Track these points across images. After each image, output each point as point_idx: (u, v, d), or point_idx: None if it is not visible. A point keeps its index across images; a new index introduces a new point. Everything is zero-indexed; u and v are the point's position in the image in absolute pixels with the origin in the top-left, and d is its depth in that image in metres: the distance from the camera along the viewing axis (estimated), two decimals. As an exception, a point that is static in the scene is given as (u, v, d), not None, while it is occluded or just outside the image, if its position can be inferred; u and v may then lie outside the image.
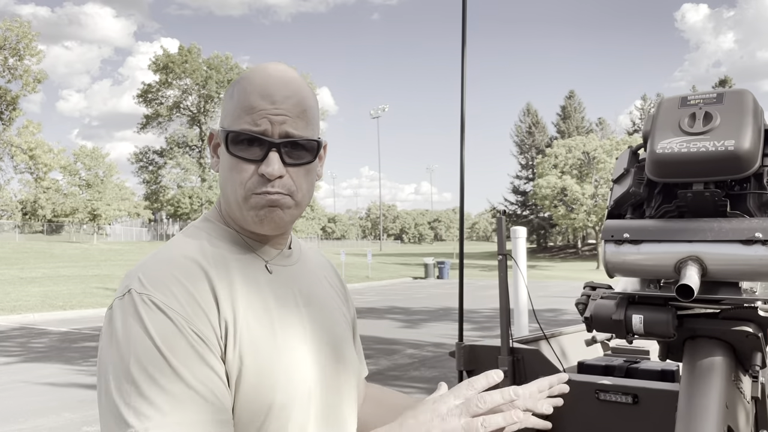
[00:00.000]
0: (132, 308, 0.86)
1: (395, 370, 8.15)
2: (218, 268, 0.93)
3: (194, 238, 0.98)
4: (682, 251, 1.71)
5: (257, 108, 0.93)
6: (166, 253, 0.94)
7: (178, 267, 0.91)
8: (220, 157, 1.00)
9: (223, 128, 0.97)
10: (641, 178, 1.88)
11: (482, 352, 2.54)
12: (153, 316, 0.85)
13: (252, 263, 0.98)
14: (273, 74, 0.97)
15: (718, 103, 1.76)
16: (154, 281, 0.88)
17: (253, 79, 0.96)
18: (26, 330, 12.86)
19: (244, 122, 0.94)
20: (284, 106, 0.94)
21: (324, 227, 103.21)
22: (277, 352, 0.92)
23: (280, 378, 0.91)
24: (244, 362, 0.89)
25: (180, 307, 0.86)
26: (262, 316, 0.93)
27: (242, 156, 0.94)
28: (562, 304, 15.70)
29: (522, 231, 4.97)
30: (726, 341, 1.80)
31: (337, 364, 1.02)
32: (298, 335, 0.96)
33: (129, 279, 0.91)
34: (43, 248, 31.49)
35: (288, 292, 1.00)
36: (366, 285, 25.90)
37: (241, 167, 0.94)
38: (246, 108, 0.94)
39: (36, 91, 42.84)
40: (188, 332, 0.85)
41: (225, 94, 1.02)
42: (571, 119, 64.02)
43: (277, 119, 0.94)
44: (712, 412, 1.65)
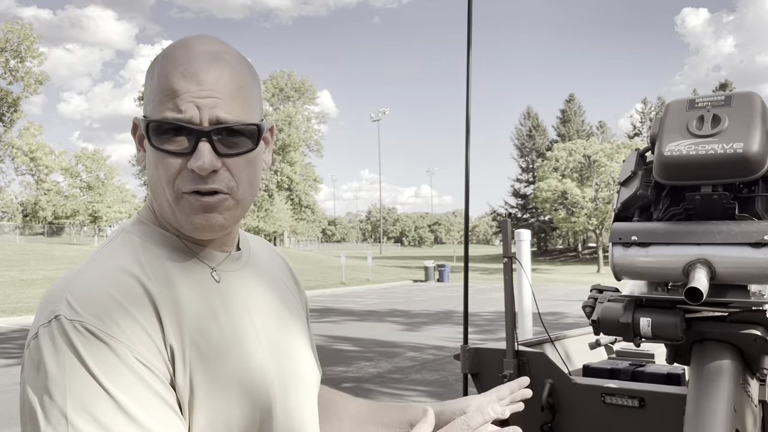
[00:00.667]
0: (64, 338, 0.72)
1: (396, 373, 8.13)
2: (159, 283, 0.81)
3: (127, 246, 0.84)
4: (691, 254, 1.71)
5: (181, 91, 0.79)
6: (98, 267, 0.80)
7: (114, 284, 0.78)
8: (146, 150, 0.85)
9: (144, 117, 0.83)
10: (649, 180, 1.88)
11: (487, 355, 2.53)
12: (90, 347, 0.72)
13: (196, 272, 0.86)
14: (198, 49, 0.82)
15: (726, 106, 1.75)
16: (87, 304, 0.75)
17: (174, 57, 0.81)
18: (26, 332, 12.84)
19: (167, 109, 0.79)
20: (213, 87, 0.80)
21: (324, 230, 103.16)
22: (231, 371, 0.82)
23: (237, 399, 0.81)
24: (196, 386, 0.79)
25: (121, 333, 0.74)
26: (213, 333, 0.82)
27: (167, 149, 0.80)
28: (563, 307, 15.69)
29: (526, 234, 4.97)
30: (734, 344, 1.79)
31: (298, 376, 0.93)
32: (252, 349, 0.86)
33: (53, 301, 0.76)
34: (44, 250, 31.51)
35: (239, 301, 0.88)
36: (366, 288, 25.88)
37: (167, 162, 0.81)
38: (167, 92, 0.79)
39: (37, 93, 42.93)
40: (133, 362, 0.73)
41: (146, 74, 0.86)
42: (571, 123, 64.08)
43: (205, 102, 0.79)
44: (720, 415, 1.64)
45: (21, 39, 39.22)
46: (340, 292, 24.10)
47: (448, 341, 10.71)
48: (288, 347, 0.93)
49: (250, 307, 0.89)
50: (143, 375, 0.74)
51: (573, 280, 30.36)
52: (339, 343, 10.79)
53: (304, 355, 0.97)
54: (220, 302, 0.86)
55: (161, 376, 0.76)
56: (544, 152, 57.48)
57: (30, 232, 45.89)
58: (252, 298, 0.91)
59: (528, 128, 67.46)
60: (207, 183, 0.80)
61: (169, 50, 0.83)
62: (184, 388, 0.78)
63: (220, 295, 0.86)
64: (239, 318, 0.86)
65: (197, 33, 0.87)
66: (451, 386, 7.33)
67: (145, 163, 0.86)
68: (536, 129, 67.09)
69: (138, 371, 0.74)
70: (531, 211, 61.89)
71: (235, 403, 0.81)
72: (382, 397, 6.81)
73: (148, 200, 0.91)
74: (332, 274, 29.67)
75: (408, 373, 8.19)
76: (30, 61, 40.38)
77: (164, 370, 0.76)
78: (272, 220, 49.21)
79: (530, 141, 66.53)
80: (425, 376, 7.94)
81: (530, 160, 65.32)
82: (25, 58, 40.08)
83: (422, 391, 7.11)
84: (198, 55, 0.81)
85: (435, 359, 9.13)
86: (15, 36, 39.15)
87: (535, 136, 66.45)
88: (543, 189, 45.29)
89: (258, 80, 0.89)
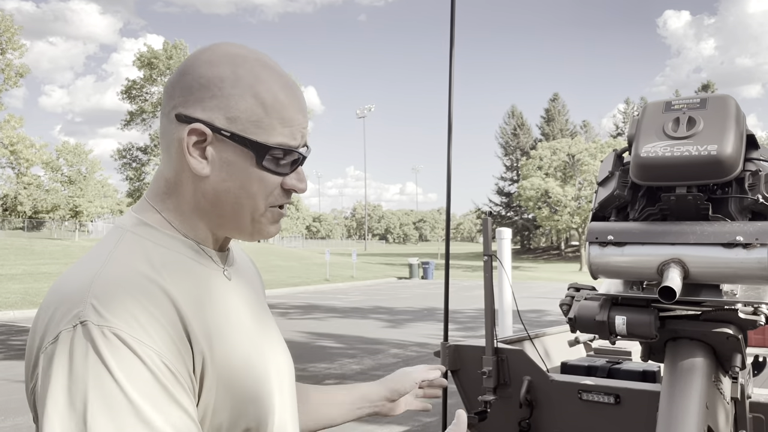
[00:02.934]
0: (90, 344, 0.72)
1: (379, 370, 8.15)
2: (177, 286, 0.82)
3: (140, 249, 0.84)
4: (665, 254, 1.74)
5: (295, 122, 0.87)
6: (118, 271, 0.80)
7: (137, 287, 0.78)
8: (211, 159, 0.85)
9: (243, 136, 0.84)
10: (626, 181, 1.91)
11: (467, 352, 2.56)
12: (117, 354, 0.72)
13: (209, 273, 0.89)
14: (287, 78, 0.90)
15: (701, 108, 1.78)
16: (114, 309, 0.75)
17: (276, 84, 0.87)
18: (6, 327, 12.69)
19: (281, 135, 0.86)
20: (307, 118, 0.91)
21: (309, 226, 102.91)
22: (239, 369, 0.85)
23: (249, 398, 0.86)
24: (220, 388, 0.82)
25: (149, 337, 0.75)
26: (234, 332, 0.86)
27: (275, 170, 0.87)
28: (546, 305, 15.80)
29: (507, 232, 5.01)
30: (707, 343, 1.82)
31: (284, 370, 0.97)
32: (250, 347, 0.89)
33: (75, 304, 0.75)
34: (24, 245, 31.09)
35: (238, 299, 0.92)
36: (350, 285, 25.87)
37: (269, 180, 0.87)
38: (284, 120, 0.86)
39: (18, 86, 42.24)
40: (160, 368, 0.74)
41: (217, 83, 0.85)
42: (555, 122, 64.43)
43: (306, 132, 0.90)
44: (692, 412, 1.67)
45: (2, 31, 38.61)
46: (324, 288, 24.07)
47: (431, 338, 10.75)
48: (269, 342, 0.96)
49: (242, 303, 0.93)
50: (167, 382, 0.74)
51: (555, 278, 30.57)
52: (322, 340, 10.79)
53: (281, 349, 1.00)
54: (236, 301, 0.90)
55: (184, 381, 0.77)
56: (528, 151, 57.75)
57: (9, 227, 45.25)
58: (243, 295, 0.94)
59: (512, 127, 67.71)
60: (290, 198, 0.91)
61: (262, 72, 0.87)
62: (210, 391, 0.81)
63: (227, 293, 0.90)
64: (236, 315, 0.90)
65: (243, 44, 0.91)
66: (433, 383, 7.35)
67: (208, 170, 0.86)
68: (520, 128, 67.37)
69: (163, 378, 0.74)
70: (515, 209, 62.19)
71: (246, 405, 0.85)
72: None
73: (156, 206, 0.89)
74: (316, 270, 29.62)
75: (391, 369, 8.20)
76: (11, 53, 39.77)
77: (186, 375, 0.78)
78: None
79: (514, 139, 66.80)
80: (407, 373, 7.96)
81: (514, 159, 65.58)
82: (5, 50, 39.47)
83: (404, 388, 7.13)
84: (293, 86, 0.89)
85: (418, 356, 9.16)
86: (-5, 27, 38.54)
87: (519, 135, 66.72)
88: (527, 187, 45.53)
89: None
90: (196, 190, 0.87)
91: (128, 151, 51.19)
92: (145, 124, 50.27)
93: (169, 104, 0.87)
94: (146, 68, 47.65)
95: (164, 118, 0.88)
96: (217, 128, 0.84)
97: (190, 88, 0.85)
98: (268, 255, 34.58)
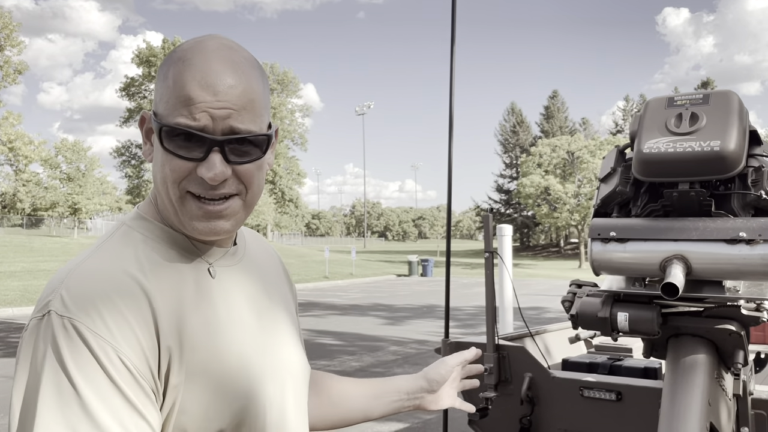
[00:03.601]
0: (49, 334, 0.74)
1: (378, 367, 8.16)
2: (157, 280, 0.81)
3: (128, 242, 0.85)
4: (668, 250, 1.73)
5: (196, 100, 0.80)
6: (96, 263, 0.80)
7: (110, 281, 0.78)
8: (153, 145, 0.86)
9: (155, 118, 0.84)
10: (628, 177, 1.90)
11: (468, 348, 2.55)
12: (73, 346, 0.73)
13: (194, 268, 0.87)
14: (215, 56, 0.83)
15: (704, 104, 1.78)
16: (80, 301, 0.75)
17: (192, 62, 0.82)
18: (5, 324, 12.69)
19: (181, 115, 0.81)
20: (228, 98, 0.81)
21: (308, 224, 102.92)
22: (216, 363, 0.83)
23: (217, 390, 0.83)
24: (191, 387, 0.80)
25: (109, 334, 0.74)
26: (208, 330, 0.84)
27: (179, 154, 0.82)
28: (545, 302, 15.81)
29: (508, 229, 5.00)
30: (709, 339, 1.82)
31: (283, 369, 0.94)
32: (238, 342, 0.87)
33: (48, 294, 0.78)
34: (23, 242, 31.07)
35: (230, 295, 0.89)
36: (350, 282, 25.87)
37: (176, 163, 0.82)
38: (183, 98, 0.81)
39: (16, 83, 42.18)
40: (116, 365, 0.74)
41: (159, 71, 0.87)
42: (554, 119, 64.41)
43: (219, 113, 0.81)
44: (694, 409, 1.67)
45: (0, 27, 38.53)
46: (323, 286, 24.06)
47: (430, 335, 10.75)
48: (275, 340, 0.94)
49: (240, 300, 0.91)
50: (122, 380, 0.74)
51: (555, 276, 30.58)
52: (322, 337, 10.79)
53: (290, 348, 0.98)
54: (220, 299, 0.87)
55: (143, 380, 0.76)
56: (528, 148, 57.75)
57: (8, 224, 45.23)
58: (243, 293, 0.92)
59: (512, 124, 67.70)
60: (216, 190, 0.83)
61: (186, 53, 0.84)
62: (178, 384, 0.79)
63: (218, 292, 0.88)
64: (228, 312, 0.88)
65: (212, 34, 0.88)
66: (432, 380, 7.36)
67: (151, 156, 0.87)
68: (520, 125, 67.35)
69: (117, 375, 0.74)
70: (514, 206, 62.20)
71: (215, 395, 0.82)
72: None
73: (150, 195, 0.91)
74: (316, 268, 29.61)
75: (390, 366, 8.22)
76: (9, 49, 39.69)
77: (147, 372, 0.77)
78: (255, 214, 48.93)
79: (514, 137, 66.78)
80: (407, 370, 7.97)
81: (514, 156, 65.57)
82: (4, 47, 39.38)
83: (404, 385, 7.14)
84: (214, 64, 0.82)
85: (417, 353, 9.17)
86: (-6, 24, 38.44)
87: (518, 132, 66.71)
88: (526, 185, 45.51)
89: (267, 84, 0.91)
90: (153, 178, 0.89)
91: (127, 149, 51.16)
92: (144, 122, 50.21)
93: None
94: (144, 65, 47.59)
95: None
96: (152, 113, 0.86)
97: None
98: (267, 252, 34.49)
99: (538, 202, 46.12)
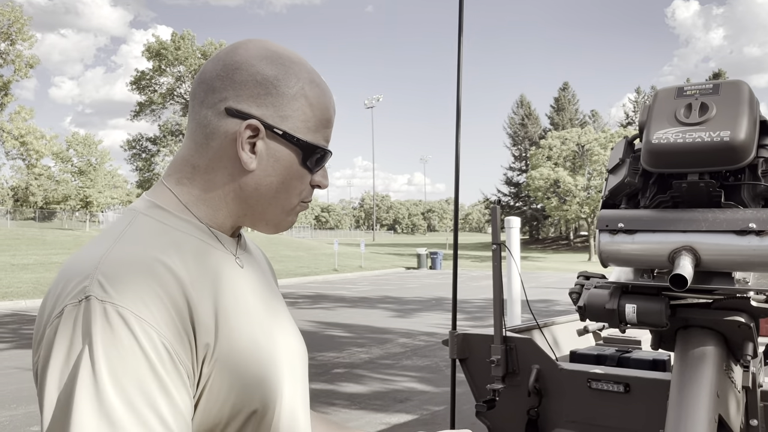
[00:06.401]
0: (91, 320, 0.72)
1: (388, 359, 8.17)
2: (190, 271, 0.82)
3: (154, 231, 0.85)
4: (676, 241, 1.72)
5: (331, 124, 0.94)
6: (129, 251, 0.80)
7: (147, 269, 0.78)
8: (259, 154, 0.88)
9: (291, 134, 0.89)
10: (636, 168, 1.88)
11: (475, 340, 2.55)
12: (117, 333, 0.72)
13: (223, 259, 0.89)
14: (325, 82, 0.95)
15: (714, 94, 1.76)
16: (120, 286, 0.75)
17: (321, 87, 0.93)
18: (18, 316, 12.81)
19: (322, 137, 0.93)
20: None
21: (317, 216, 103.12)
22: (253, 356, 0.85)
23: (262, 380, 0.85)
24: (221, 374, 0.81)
25: (152, 317, 0.74)
26: (242, 317, 0.86)
27: (313, 169, 0.93)
28: (554, 295, 15.78)
29: (516, 221, 4.98)
30: (718, 331, 1.81)
31: (296, 358, 0.97)
32: (265, 333, 0.89)
33: (83, 280, 0.76)
34: (35, 235, 31.32)
35: (252, 285, 0.93)
36: (359, 275, 25.92)
37: (304, 177, 0.93)
38: (325, 122, 0.93)
39: (28, 77, 42.43)
40: (158, 351, 0.74)
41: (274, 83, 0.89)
42: (564, 111, 64.02)
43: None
44: (703, 401, 1.66)
45: (11, 21, 38.72)
46: (332, 278, 24.13)
47: (439, 327, 10.76)
48: (281, 328, 0.96)
49: (256, 289, 0.93)
50: (162, 367, 0.74)
51: (564, 268, 30.50)
52: (331, 329, 10.82)
53: (292, 336, 1.00)
54: (248, 288, 0.90)
55: (182, 366, 0.76)
56: (537, 140, 57.48)
57: (21, 217, 45.61)
58: (256, 282, 0.95)
59: (521, 116, 67.37)
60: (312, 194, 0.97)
61: (312, 75, 0.93)
62: (210, 372, 0.80)
63: (240, 280, 0.90)
64: (253, 300, 0.90)
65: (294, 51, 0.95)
66: (441, 372, 7.37)
67: (254, 164, 0.89)
68: (529, 117, 67.01)
69: (158, 363, 0.73)
70: (523, 199, 62.00)
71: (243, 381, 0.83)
72: (373, 383, 6.85)
73: (173, 190, 0.91)
74: (325, 260, 29.68)
75: (399, 359, 8.23)
76: (20, 43, 39.90)
77: (186, 359, 0.77)
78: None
79: (523, 129, 66.47)
80: (416, 362, 7.99)
81: (523, 149, 65.29)
82: (15, 41, 39.59)
83: (413, 377, 7.15)
84: (329, 90, 0.95)
85: (426, 345, 9.18)
86: (5, 18, 38.65)
87: (527, 125, 66.39)
88: (535, 177, 45.35)
89: None
90: (233, 181, 0.89)
91: (138, 142, 51.39)
92: (154, 115, 50.44)
93: (215, 97, 0.88)
94: (155, 59, 47.71)
95: (207, 110, 0.88)
96: (270, 125, 0.88)
97: (244, 83, 0.87)
98: (276, 245, 34.68)
99: (547, 194, 45.95)
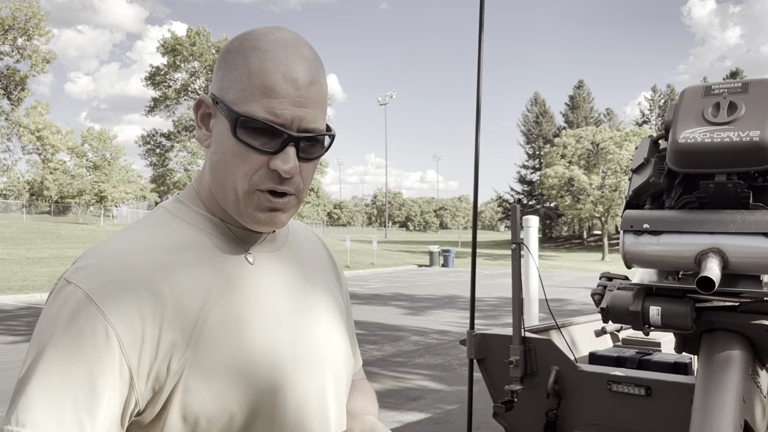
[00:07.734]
0: (52, 298, 0.77)
1: (400, 357, 8.16)
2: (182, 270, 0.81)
3: (160, 225, 0.85)
4: (703, 243, 1.69)
5: (280, 93, 0.79)
6: (122, 242, 0.82)
7: (129, 262, 0.78)
8: (212, 131, 0.85)
9: (227, 106, 0.81)
10: (662, 168, 1.85)
11: (494, 340, 2.53)
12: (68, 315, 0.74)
13: (231, 255, 0.86)
14: (294, 50, 0.82)
15: (743, 93, 1.72)
16: (92, 270, 0.77)
17: (273, 53, 0.81)
18: (33, 310, 12.94)
19: (260, 106, 0.79)
20: (308, 94, 0.81)
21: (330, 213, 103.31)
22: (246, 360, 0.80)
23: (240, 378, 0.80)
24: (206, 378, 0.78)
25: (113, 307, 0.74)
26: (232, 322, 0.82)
27: (253, 145, 0.80)
28: (568, 294, 15.70)
29: (534, 220, 4.95)
30: (744, 335, 1.77)
31: (318, 358, 0.90)
32: (274, 334, 0.85)
33: (71, 266, 0.81)
34: (50, 229, 31.63)
35: (270, 282, 0.88)
36: (371, 272, 25.93)
37: (248, 156, 0.81)
38: (264, 89, 0.79)
39: (45, 72, 42.72)
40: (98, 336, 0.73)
41: (225, 55, 0.85)
42: (579, 109, 63.64)
43: (299, 111, 0.80)
44: (728, 406, 1.63)
45: (29, 17, 39.06)
46: (345, 275, 24.12)
47: (451, 326, 10.74)
48: (313, 329, 0.91)
49: (276, 287, 0.89)
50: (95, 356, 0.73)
51: (577, 267, 30.32)
52: (343, 326, 10.82)
53: (332, 337, 0.95)
54: (243, 285, 0.85)
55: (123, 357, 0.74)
56: (551, 138, 57.15)
57: (36, 211, 46.08)
58: (280, 279, 0.90)
59: (535, 114, 67.07)
60: (283, 185, 0.82)
61: (262, 43, 0.82)
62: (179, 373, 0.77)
63: (246, 278, 0.86)
64: (259, 300, 0.86)
65: (277, 26, 0.86)
66: (453, 370, 7.35)
67: (209, 142, 0.85)
68: (543, 115, 66.70)
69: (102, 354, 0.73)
70: (537, 197, 61.73)
71: (233, 385, 0.80)
72: (386, 381, 6.84)
73: (196, 181, 0.90)
74: (337, 257, 29.68)
75: (411, 356, 8.22)
76: (37, 39, 40.24)
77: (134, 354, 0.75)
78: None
79: (537, 127, 66.16)
80: (428, 360, 7.97)
81: (537, 147, 64.99)
82: (32, 36, 39.93)
83: (425, 375, 7.13)
84: (295, 57, 0.81)
85: (438, 343, 9.16)
86: (22, 14, 39.00)
87: (542, 123, 66.07)
88: (549, 175, 45.09)
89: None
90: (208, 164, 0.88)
91: (152, 137, 51.69)
92: (168, 111, 50.69)
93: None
94: (170, 54, 47.94)
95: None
96: (214, 98, 0.84)
97: (217, 63, 0.87)
98: (289, 241, 34.72)
99: (561, 193, 45.69)
